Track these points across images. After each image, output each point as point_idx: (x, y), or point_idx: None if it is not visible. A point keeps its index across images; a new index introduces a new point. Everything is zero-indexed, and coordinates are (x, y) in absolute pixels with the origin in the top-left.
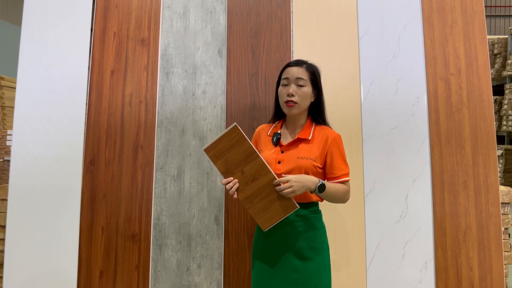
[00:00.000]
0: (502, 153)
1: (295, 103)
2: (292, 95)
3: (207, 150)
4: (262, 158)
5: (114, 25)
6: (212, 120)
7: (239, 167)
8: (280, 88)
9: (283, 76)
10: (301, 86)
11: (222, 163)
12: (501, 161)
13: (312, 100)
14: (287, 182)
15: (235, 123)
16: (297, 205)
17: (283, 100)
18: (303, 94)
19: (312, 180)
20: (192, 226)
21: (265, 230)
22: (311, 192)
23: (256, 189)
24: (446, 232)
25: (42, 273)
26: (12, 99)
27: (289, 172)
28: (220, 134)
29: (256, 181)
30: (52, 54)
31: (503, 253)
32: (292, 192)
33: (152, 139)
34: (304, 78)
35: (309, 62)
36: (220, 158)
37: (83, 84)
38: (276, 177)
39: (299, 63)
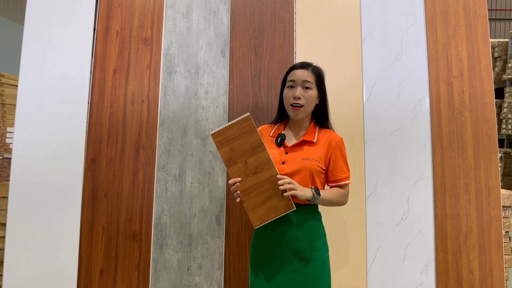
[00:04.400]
0: (501, 156)
1: (301, 106)
2: (299, 98)
3: (214, 135)
4: (269, 153)
5: (117, 24)
6: (214, 120)
7: (243, 158)
8: (286, 90)
9: (289, 78)
10: (307, 88)
11: (227, 151)
12: (500, 164)
13: (317, 103)
14: (290, 181)
15: (248, 113)
16: (294, 206)
17: (289, 102)
18: (309, 97)
19: (307, 188)
20: (193, 226)
21: (256, 228)
22: (310, 200)
23: (256, 182)
24: (447, 235)
25: (42, 271)
26: (12, 96)
27: (294, 172)
28: (231, 122)
29: (258, 174)
30: (55, 52)
31: (504, 256)
32: (291, 189)
33: (154, 139)
34: (311, 81)
35: (314, 64)
36: (226, 146)
37: (85, 83)
38: (279, 174)
39: (305, 65)
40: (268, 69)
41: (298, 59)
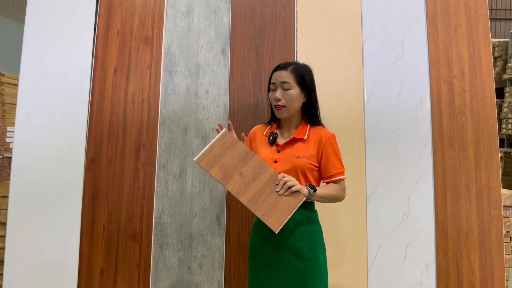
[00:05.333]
0: (501, 156)
1: (283, 106)
2: (279, 99)
3: (199, 160)
4: (259, 157)
5: (117, 23)
6: (215, 119)
7: (237, 170)
8: (270, 93)
9: (271, 81)
10: (286, 89)
11: (218, 169)
12: (500, 164)
13: (304, 100)
14: (286, 180)
15: (225, 129)
16: (303, 196)
17: (273, 104)
18: (289, 97)
19: (303, 186)
20: (193, 225)
21: (277, 232)
22: (306, 198)
23: (258, 188)
24: (448, 235)
25: (43, 270)
26: (13, 96)
27: (286, 171)
28: (210, 143)
29: (257, 179)
30: (55, 51)
31: (504, 256)
32: (289, 187)
33: (154, 138)
34: (289, 81)
35: (298, 63)
36: (214, 165)
37: (85, 82)
38: (276, 172)
39: (284, 66)
40: (269, 68)
41: (299, 59)
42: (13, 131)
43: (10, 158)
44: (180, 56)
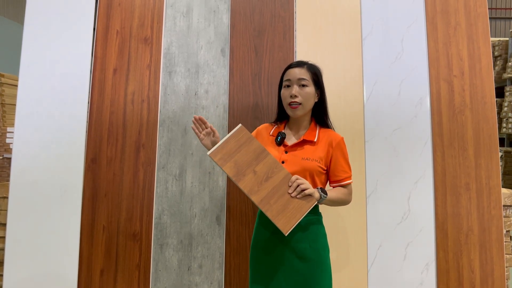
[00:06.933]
0: (501, 155)
1: (299, 104)
2: (296, 96)
3: (213, 154)
4: (272, 156)
5: (117, 23)
6: (214, 119)
7: (251, 168)
8: (283, 90)
9: (285, 78)
10: (303, 86)
11: (232, 166)
12: (500, 163)
13: (316, 100)
14: (299, 182)
15: (240, 124)
16: (316, 200)
17: (287, 102)
18: (306, 95)
19: (314, 189)
20: (193, 225)
21: (287, 234)
22: (318, 202)
23: (271, 188)
24: (448, 234)
25: (43, 271)
26: (12, 96)
27: (294, 173)
28: (225, 137)
29: (270, 179)
30: (54, 51)
31: (505, 255)
32: (303, 190)
33: (154, 138)
34: (306, 78)
35: (310, 62)
36: (228, 161)
37: (85, 82)
38: (290, 174)
39: (300, 64)
40: (268, 68)
41: (299, 58)
42: (13, 132)
43: (10, 158)
44: (179, 56)
